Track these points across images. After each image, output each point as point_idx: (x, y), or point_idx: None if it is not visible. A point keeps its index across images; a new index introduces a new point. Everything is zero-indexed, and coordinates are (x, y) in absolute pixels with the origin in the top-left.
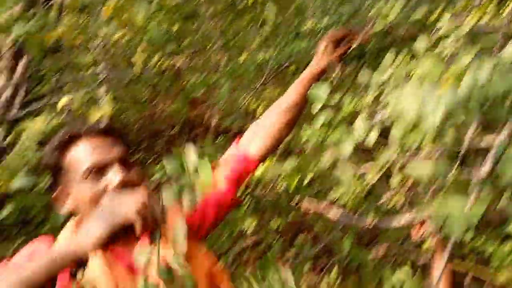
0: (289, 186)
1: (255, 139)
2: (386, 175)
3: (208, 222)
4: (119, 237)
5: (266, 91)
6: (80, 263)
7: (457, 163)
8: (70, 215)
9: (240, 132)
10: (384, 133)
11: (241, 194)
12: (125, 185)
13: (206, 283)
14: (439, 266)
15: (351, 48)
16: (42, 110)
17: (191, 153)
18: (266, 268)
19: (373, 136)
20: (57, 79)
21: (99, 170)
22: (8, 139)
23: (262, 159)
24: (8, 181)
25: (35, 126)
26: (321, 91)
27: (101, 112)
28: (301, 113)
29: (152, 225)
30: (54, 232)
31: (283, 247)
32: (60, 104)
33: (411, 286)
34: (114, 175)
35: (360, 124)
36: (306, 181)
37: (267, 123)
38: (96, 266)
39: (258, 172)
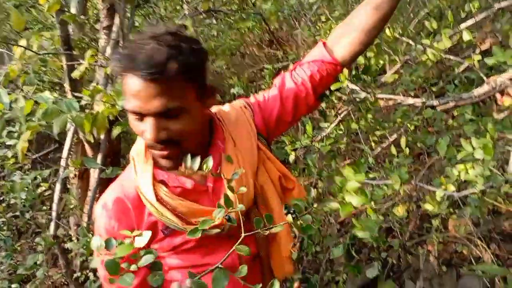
0: None
1: (341, 40)
2: None
3: (286, 118)
4: None
5: None
6: None
7: None
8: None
9: None
10: None
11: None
12: (158, 142)
13: (277, 185)
14: None
15: None
16: None
17: None
18: None
19: None
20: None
21: (138, 115)
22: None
23: (349, 62)
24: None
25: None
26: None
27: None
28: (392, 11)
29: None
30: None
31: None
32: None
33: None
34: (146, 132)
35: None
36: None
37: (355, 23)
38: None
39: None
